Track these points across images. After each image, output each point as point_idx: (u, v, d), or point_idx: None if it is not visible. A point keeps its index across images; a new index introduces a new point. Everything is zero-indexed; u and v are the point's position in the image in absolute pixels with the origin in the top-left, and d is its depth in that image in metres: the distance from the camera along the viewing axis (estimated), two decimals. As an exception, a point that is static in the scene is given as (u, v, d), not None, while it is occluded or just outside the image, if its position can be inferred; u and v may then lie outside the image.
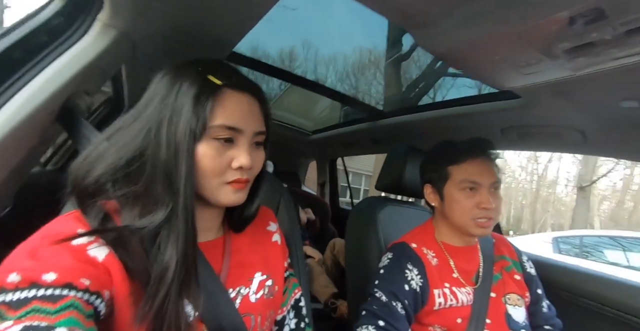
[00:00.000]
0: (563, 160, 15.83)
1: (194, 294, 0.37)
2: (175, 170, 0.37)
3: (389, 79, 2.51)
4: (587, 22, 0.37)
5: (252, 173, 0.45)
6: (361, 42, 2.90)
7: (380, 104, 2.75)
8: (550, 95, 0.65)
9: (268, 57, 2.29)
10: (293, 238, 0.71)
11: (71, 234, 0.33)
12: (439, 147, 0.79)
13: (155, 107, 0.39)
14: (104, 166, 0.37)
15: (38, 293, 0.29)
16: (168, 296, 0.34)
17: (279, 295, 0.52)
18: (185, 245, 0.37)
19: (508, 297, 0.74)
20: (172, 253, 0.36)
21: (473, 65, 0.57)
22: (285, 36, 2.76)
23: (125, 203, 0.38)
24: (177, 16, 0.57)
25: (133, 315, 0.34)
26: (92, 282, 0.32)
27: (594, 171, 9.30)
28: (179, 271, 0.35)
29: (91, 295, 0.31)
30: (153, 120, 0.38)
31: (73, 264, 0.32)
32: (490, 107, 0.94)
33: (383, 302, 0.67)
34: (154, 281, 0.35)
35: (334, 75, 3.04)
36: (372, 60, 2.94)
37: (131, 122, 0.40)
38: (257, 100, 0.44)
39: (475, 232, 0.70)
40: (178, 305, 0.35)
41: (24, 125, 0.42)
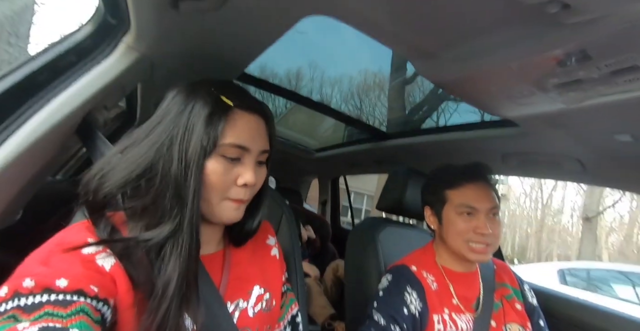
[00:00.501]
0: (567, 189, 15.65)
1: (193, 307, 0.38)
2: (185, 185, 0.39)
3: (392, 102, 2.57)
4: (575, 62, 0.40)
5: (254, 190, 0.46)
6: (366, 65, 2.99)
7: (384, 126, 2.80)
8: (546, 125, 0.68)
9: (275, 76, 2.39)
10: (293, 254, 0.71)
11: (81, 243, 0.35)
12: (437, 170, 0.80)
13: (168, 123, 0.41)
14: (115, 179, 0.39)
15: (51, 298, 0.30)
16: (169, 309, 0.35)
17: (276, 309, 0.52)
18: (189, 258, 0.38)
19: (509, 327, 0.72)
20: (175, 266, 0.37)
21: (471, 94, 0.60)
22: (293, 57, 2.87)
23: (132, 215, 0.39)
24: (194, 40, 0.62)
25: (135, 325, 0.35)
26: (100, 289, 0.33)
27: (599, 202, 9.15)
28: (180, 284, 0.36)
29: (99, 302, 0.32)
30: (165, 136, 0.40)
31: (83, 272, 0.33)
32: (491, 134, 0.96)
33: (382, 326, 0.65)
34: (156, 294, 0.35)
35: (339, 95, 3.12)
36: (377, 82, 3.03)
37: (143, 138, 0.41)
38: (263, 120, 0.46)
39: (469, 256, 0.70)
40: (178, 318, 0.36)
41: (46, 137, 0.45)
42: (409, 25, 0.47)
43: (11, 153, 0.42)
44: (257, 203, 0.50)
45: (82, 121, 0.52)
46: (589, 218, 8.63)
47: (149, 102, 1.01)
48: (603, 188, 8.82)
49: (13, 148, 0.42)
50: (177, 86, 0.45)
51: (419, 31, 0.49)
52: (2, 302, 0.29)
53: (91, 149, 0.52)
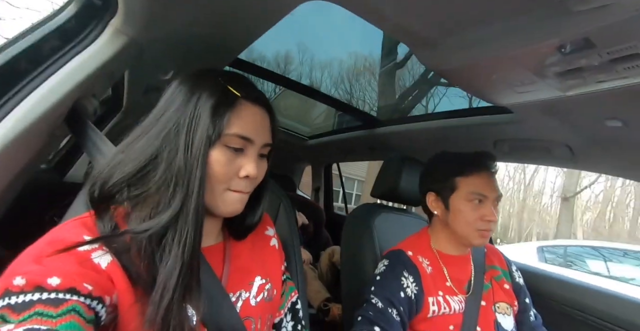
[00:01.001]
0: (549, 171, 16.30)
1: (195, 298, 0.38)
2: (190, 174, 0.38)
3: (383, 86, 2.55)
4: (577, 50, 0.40)
5: (255, 183, 0.46)
6: (357, 48, 2.93)
7: (374, 110, 2.80)
8: (540, 112, 0.69)
9: (264, 59, 2.31)
10: (291, 242, 0.72)
11: (76, 241, 0.34)
12: (445, 157, 0.80)
13: (173, 113, 0.40)
14: (122, 172, 0.38)
15: (42, 296, 0.29)
16: (173, 300, 0.35)
17: (277, 298, 0.53)
18: (193, 248, 0.37)
19: (498, 306, 0.76)
20: (177, 256, 0.36)
21: (471, 82, 0.60)
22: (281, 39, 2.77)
23: (135, 205, 0.38)
24: (185, 24, 0.58)
25: (139, 322, 0.35)
26: (95, 288, 0.32)
27: (577, 182, 9.61)
28: (183, 274, 0.36)
29: (93, 300, 0.32)
30: (172, 125, 0.40)
31: (77, 269, 0.32)
32: (483, 120, 0.98)
33: (379, 308, 0.68)
34: (159, 286, 0.35)
35: (329, 79, 3.07)
36: (367, 66, 2.98)
37: (150, 129, 0.41)
38: (268, 113, 0.46)
39: (476, 242, 0.73)
40: (181, 308, 0.36)
41: (34, 126, 0.42)
42: (411, 13, 0.45)
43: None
44: (258, 197, 0.50)
45: (70, 110, 0.49)
46: (567, 198, 9.08)
47: (136, 88, 0.96)
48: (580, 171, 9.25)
49: (1, 138, 0.40)
50: (181, 75, 0.44)
51: (421, 20, 0.48)
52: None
53: (81, 139, 0.49)
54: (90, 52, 0.48)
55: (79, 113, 0.50)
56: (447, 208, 0.76)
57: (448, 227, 0.76)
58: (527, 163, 1.06)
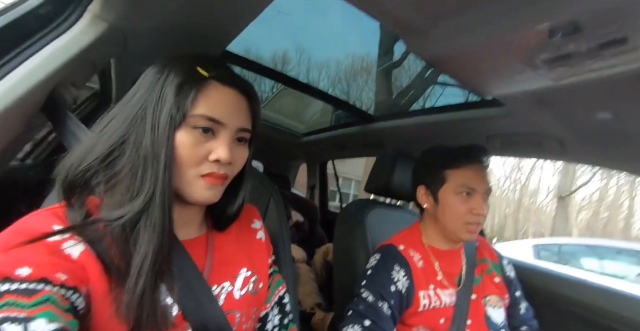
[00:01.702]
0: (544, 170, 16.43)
1: (168, 281, 0.37)
2: (156, 157, 0.37)
3: (379, 86, 2.55)
4: (565, 34, 0.40)
5: (232, 170, 0.44)
6: (354, 49, 2.94)
7: (371, 110, 2.80)
8: (531, 104, 0.68)
9: (261, 60, 2.29)
10: (281, 237, 0.71)
11: (46, 232, 0.33)
12: (436, 151, 0.80)
13: (141, 95, 0.39)
14: (91, 157, 0.37)
15: (12, 287, 0.28)
16: (146, 284, 0.34)
17: (263, 291, 0.52)
18: (162, 233, 0.36)
19: (488, 299, 0.76)
20: (150, 240, 0.36)
21: (460, 72, 0.60)
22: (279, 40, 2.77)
23: (106, 192, 0.37)
24: (170, 12, 0.57)
25: (112, 309, 0.34)
26: (69, 277, 0.31)
27: (572, 182, 9.70)
28: (155, 258, 0.35)
29: (67, 290, 0.31)
30: (138, 107, 0.39)
31: (48, 259, 0.31)
32: (476, 114, 0.97)
33: (369, 302, 0.67)
34: (134, 271, 0.34)
35: (326, 80, 3.07)
36: (364, 66, 2.99)
37: (119, 112, 0.40)
38: (245, 97, 0.44)
39: (464, 236, 0.72)
40: (155, 292, 0.35)
41: (7, 113, 0.41)
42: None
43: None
44: (238, 185, 0.49)
45: (47, 98, 0.47)
46: (563, 197, 9.16)
47: (124, 82, 0.95)
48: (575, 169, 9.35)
49: None
50: (155, 61, 0.42)
51: (411, 6, 0.47)
52: None
53: (59, 128, 0.48)
54: (68, 38, 0.47)
55: (57, 101, 0.48)
56: (436, 202, 0.75)
57: (438, 222, 0.76)
58: (518, 157, 1.05)
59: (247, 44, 1.80)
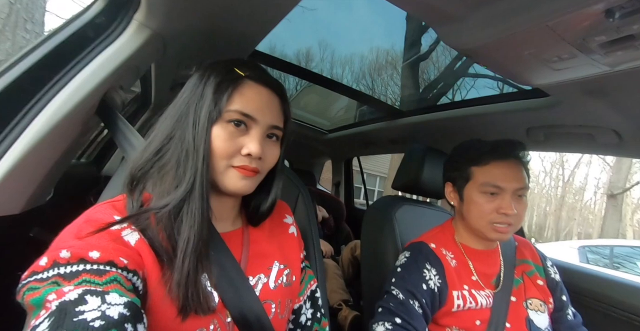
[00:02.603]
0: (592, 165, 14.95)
1: (207, 267, 0.40)
2: (196, 150, 0.40)
3: (406, 80, 2.46)
4: (626, 14, 0.36)
5: (263, 165, 0.46)
6: (379, 43, 2.86)
7: (397, 105, 2.72)
8: (581, 93, 0.62)
9: (285, 57, 2.31)
10: (311, 233, 0.72)
11: (109, 221, 0.37)
12: (465, 146, 0.76)
13: (186, 96, 0.44)
14: (147, 154, 0.42)
15: (87, 267, 0.32)
16: (190, 266, 0.37)
17: (297, 284, 0.54)
18: (202, 219, 0.39)
19: (530, 302, 0.71)
20: (191, 225, 0.39)
21: (500, 61, 0.56)
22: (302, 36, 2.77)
23: (155, 184, 0.41)
24: (204, 17, 0.59)
25: (165, 290, 0.37)
26: (130, 262, 0.35)
27: (627, 178, 8.72)
28: (197, 241, 0.38)
29: (129, 273, 0.34)
30: (184, 107, 0.43)
31: (112, 245, 0.35)
32: (514, 106, 0.91)
33: (400, 300, 0.66)
34: (180, 253, 0.37)
35: (350, 75, 3.02)
36: (390, 60, 2.90)
37: (169, 114, 0.44)
38: (277, 96, 0.46)
39: (491, 236, 0.68)
40: (197, 275, 0.38)
41: (68, 118, 0.45)
42: None
43: (36, 136, 0.43)
44: (271, 183, 0.51)
45: (101, 102, 0.52)
46: (614, 195, 8.29)
47: (163, 84, 1.01)
48: (631, 164, 8.38)
49: (37, 131, 0.43)
50: (195, 66, 0.46)
51: None
52: (44, 270, 0.31)
53: (113, 129, 0.53)
54: (117, 46, 0.51)
55: (109, 105, 0.53)
56: (461, 200, 0.72)
57: (465, 220, 0.73)
58: (565, 151, 0.96)
59: (272, 43, 1.82)
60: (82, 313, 0.27)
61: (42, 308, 0.28)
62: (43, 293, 0.29)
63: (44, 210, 0.57)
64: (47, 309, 0.28)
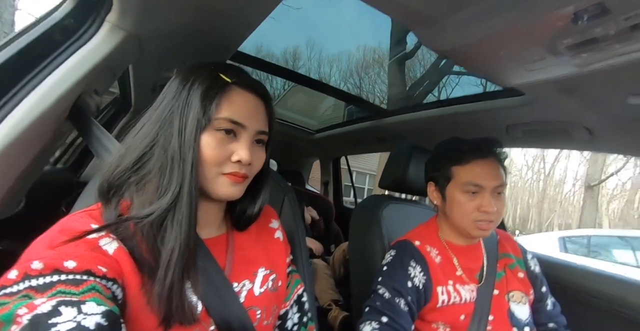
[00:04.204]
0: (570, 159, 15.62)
1: (193, 277, 0.39)
2: (183, 158, 0.40)
3: (392, 78, 2.49)
4: (591, 18, 0.37)
5: (251, 170, 0.46)
6: (365, 41, 2.87)
7: (385, 103, 2.74)
8: (555, 92, 0.65)
9: (272, 56, 2.29)
10: (297, 236, 0.72)
11: (85, 230, 0.36)
12: (445, 145, 0.78)
13: (168, 102, 0.42)
14: (125, 161, 0.40)
15: (61, 277, 0.31)
16: (174, 278, 0.36)
17: (283, 289, 0.54)
18: (188, 228, 0.39)
19: (511, 294, 0.74)
20: (177, 235, 0.38)
21: (477, 62, 0.57)
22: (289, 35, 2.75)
23: (137, 192, 0.40)
24: (182, 17, 0.58)
25: (144, 301, 0.36)
26: (109, 270, 0.34)
27: (602, 170, 9.15)
28: (182, 252, 0.37)
29: (108, 281, 0.33)
30: (167, 112, 0.42)
31: (90, 254, 0.34)
32: (494, 105, 0.93)
33: (386, 299, 0.67)
34: (163, 265, 0.37)
35: (338, 74, 3.03)
36: (376, 58, 2.92)
37: (148, 119, 0.43)
38: (263, 101, 0.46)
39: (474, 233, 0.70)
40: (182, 285, 0.37)
41: (37, 123, 0.43)
42: None
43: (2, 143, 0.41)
44: (258, 187, 0.51)
45: (73, 106, 0.50)
46: (591, 187, 8.68)
47: (143, 86, 0.98)
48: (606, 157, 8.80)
49: (3, 137, 0.41)
50: (177, 69, 0.45)
51: None
52: (13, 284, 0.30)
53: (86, 135, 0.51)
54: (89, 48, 0.49)
55: (82, 109, 0.51)
56: (444, 199, 0.74)
57: (448, 218, 0.74)
58: (541, 147, 1.01)
59: (258, 42, 1.81)
60: (55, 326, 0.27)
61: (13, 323, 0.27)
62: (12, 308, 0.28)
63: (15, 221, 0.54)
64: (18, 324, 0.27)
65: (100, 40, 0.50)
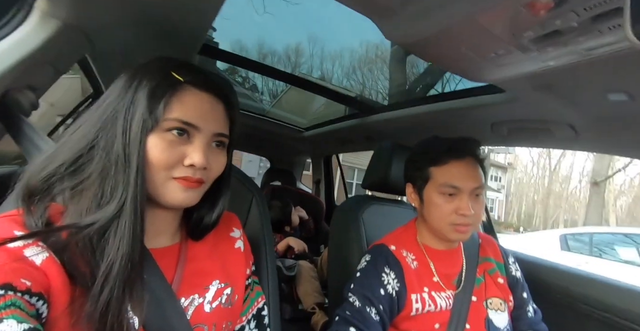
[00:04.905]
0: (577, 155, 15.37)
1: (137, 295, 0.36)
2: (128, 162, 0.36)
3: (394, 73, 2.45)
4: (549, 8, 0.33)
5: (208, 175, 0.42)
6: (368, 36, 2.83)
7: (387, 100, 2.71)
8: (532, 88, 0.61)
9: (275, 54, 2.24)
10: (264, 242, 0.69)
11: (7, 237, 0.32)
12: (423, 145, 0.74)
13: (111, 100, 0.38)
14: (56, 163, 0.36)
15: None
16: (112, 293, 0.33)
17: (239, 303, 0.50)
18: (133, 240, 0.35)
19: (490, 301, 0.70)
20: (119, 247, 0.35)
21: (442, 56, 0.53)
22: (291, 32, 2.71)
23: (72, 199, 0.36)
24: (129, 6, 0.54)
25: (73, 320, 0.33)
26: (33, 284, 0.31)
27: (609, 166, 8.98)
28: (124, 266, 0.34)
29: (32, 296, 0.30)
30: (110, 112, 0.38)
31: (11, 265, 0.31)
32: (478, 101, 0.89)
33: (356, 308, 0.64)
34: (100, 279, 0.33)
35: (340, 70, 2.99)
36: (379, 54, 2.88)
37: (87, 119, 0.39)
38: (222, 102, 0.43)
39: (452, 236, 0.67)
40: (121, 304, 0.34)
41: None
42: None
43: None
44: (217, 193, 0.47)
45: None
46: (597, 183, 8.53)
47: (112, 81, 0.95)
48: (613, 153, 8.62)
49: None
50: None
51: None
52: None
53: (15, 135, 0.47)
54: (16, 39, 0.45)
55: (10, 107, 0.47)
56: (421, 201, 0.70)
57: (426, 221, 0.71)
58: (528, 146, 0.96)
59: (260, 39, 1.78)
60: None
61: None
62: None
63: None
64: None
65: (30, 30, 0.46)
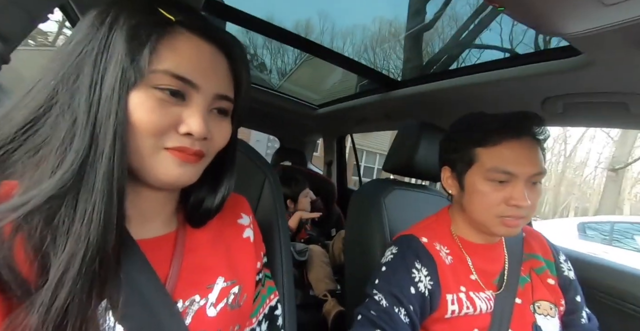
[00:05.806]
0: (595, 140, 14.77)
1: (112, 295, 0.28)
2: (100, 123, 0.28)
3: (408, 52, 2.29)
4: None
5: (210, 147, 0.34)
6: (382, 12, 2.67)
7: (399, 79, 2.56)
8: (627, 45, 0.46)
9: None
10: (277, 229, 0.59)
11: None
12: (466, 121, 0.62)
13: (77, 42, 0.29)
14: (7, 128, 0.28)
15: None
16: (70, 300, 0.25)
17: (248, 304, 0.42)
18: (105, 228, 0.27)
19: (538, 305, 0.61)
20: (80, 236, 0.26)
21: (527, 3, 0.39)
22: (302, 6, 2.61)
23: (23, 174, 0.27)
24: None
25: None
26: None
27: (630, 152, 8.58)
28: (88, 264, 0.26)
29: None
30: (73, 58, 0.29)
31: None
32: (530, 71, 0.74)
33: (383, 307, 0.55)
34: (51, 283, 0.25)
35: (351, 48, 2.85)
36: (392, 32, 2.74)
37: (50, 66, 0.30)
38: (224, 53, 0.34)
39: (498, 231, 0.56)
40: (86, 310, 0.26)
41: None
42: None
43: None
44: (220, 171, 0.39)
45: None
46: (616, 170, 8.21)
47: None
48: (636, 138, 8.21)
49: None
50: None
51: None
52: None
53: None
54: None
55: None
56: (462, 188, 0.59)
57: (465, 212, 0.60)
58: (584, 126, 0.82)
59: (269, 13, 1.66)
60: None
61: None
62: None
63: None
64: None
65: None
